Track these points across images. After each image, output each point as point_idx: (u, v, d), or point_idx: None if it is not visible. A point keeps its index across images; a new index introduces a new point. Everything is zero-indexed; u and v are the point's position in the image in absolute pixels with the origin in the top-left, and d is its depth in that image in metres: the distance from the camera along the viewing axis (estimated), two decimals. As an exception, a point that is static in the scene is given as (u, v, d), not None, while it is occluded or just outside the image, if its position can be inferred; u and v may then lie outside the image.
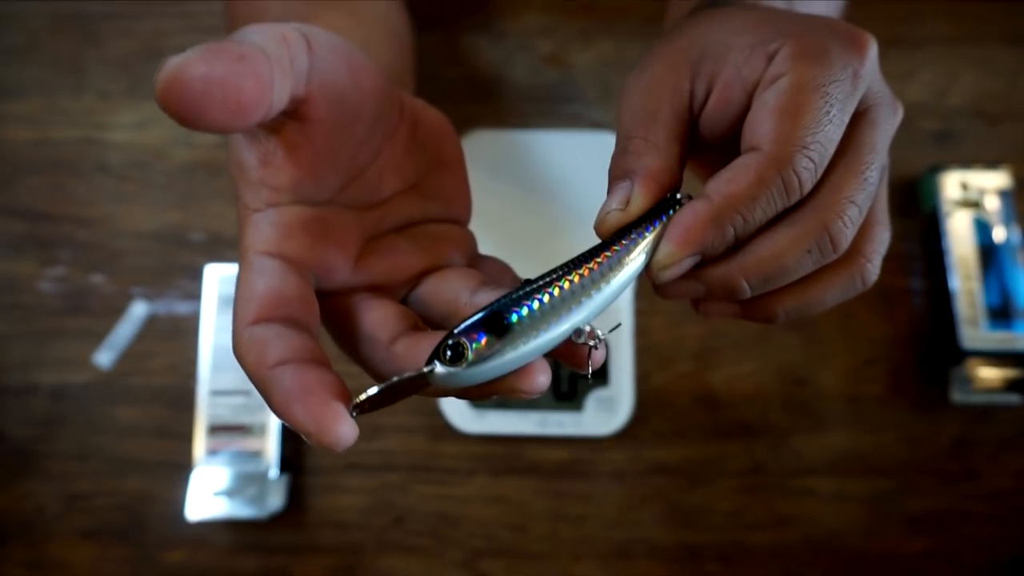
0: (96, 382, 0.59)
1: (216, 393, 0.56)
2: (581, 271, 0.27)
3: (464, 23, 0.65)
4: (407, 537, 0.56)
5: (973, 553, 0.56)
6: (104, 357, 0.59)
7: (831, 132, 0.27)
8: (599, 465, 0.57)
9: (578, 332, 0.27)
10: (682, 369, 0.59)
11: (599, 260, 0.27)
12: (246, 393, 0.56)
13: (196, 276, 0.59)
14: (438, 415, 0.57)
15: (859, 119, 0.28)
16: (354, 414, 0.24)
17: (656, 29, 0.49)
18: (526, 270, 0.30)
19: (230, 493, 0.54)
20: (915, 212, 0.61)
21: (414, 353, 0.26)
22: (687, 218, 0.27)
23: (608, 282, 0.27)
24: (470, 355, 0.25)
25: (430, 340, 0.26)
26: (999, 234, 0.58)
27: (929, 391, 0.58)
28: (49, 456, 0.57)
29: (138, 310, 0.59)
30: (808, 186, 0.27)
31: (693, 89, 0.29)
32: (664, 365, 0.59)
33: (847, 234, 0.28)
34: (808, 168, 0.26)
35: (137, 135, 0.63)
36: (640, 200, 0.28)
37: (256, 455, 0.55)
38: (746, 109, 0.28)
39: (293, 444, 0.57)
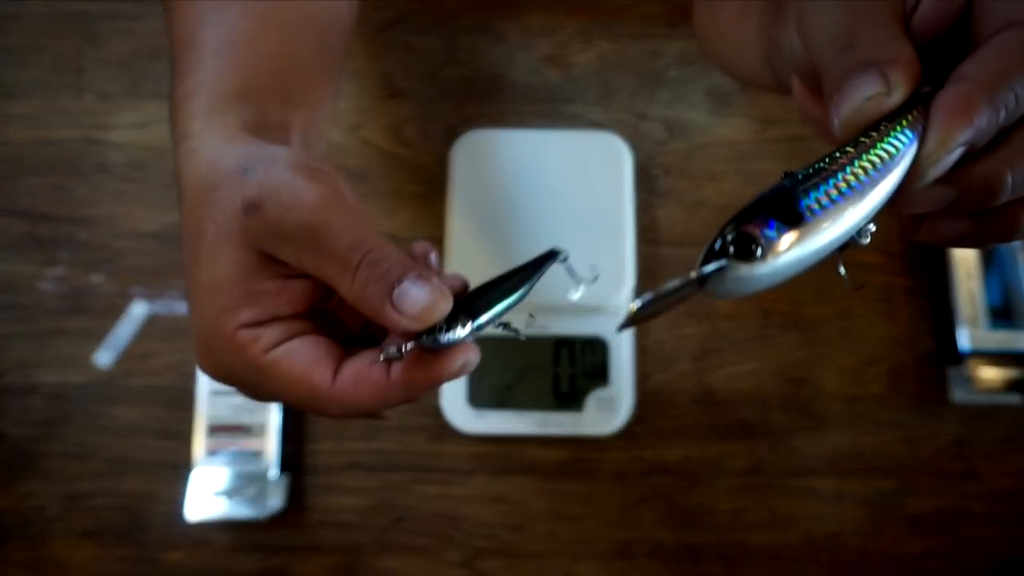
0: (96, 382, 0.59)
1: (216, 393, 0.56)
2: (858, 162, 0.24)
3: (464, 23, 0.65)
4: (407, 537, 0.56)
5: (973, 553, 0.56)
6: (104, 357, 0.59)
7: None
8: (599, 465, 0.57)
9: (861, 230, 0.24)
10: (682, 369, 0.59)
11: (872, 150, 0.24)
12: (246, 393, 0.56)
13: (196, 276, 0.59)
14: (438, 415, 0.57)
15: None
16: (622, 328, 0.23)
17: (656, 29, 0.49)
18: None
19: (230, 493, 0.54)
20: (915, 212, 0.61)
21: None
22: (954, 99, 0.24)
23: (888, 173, 0.24)
24: (765, 248, 0.21)
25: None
26: (999, 234, 0.58)
27: (929, 391, 0.58)
28: (49, 456, 0.57)
29: (138, 310, 0.59)
30: None
31: None
32: (664, 365, 0.59)
33: None
34: None
35: (137, 135, 0.63)
36: (902, 85, 0.25)
37: (256, 455, 0.55)
38: (965, 4, 0.27)
39: (293, 444, 0.57)
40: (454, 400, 0.56)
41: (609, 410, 0.56)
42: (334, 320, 0.34)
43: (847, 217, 0.23)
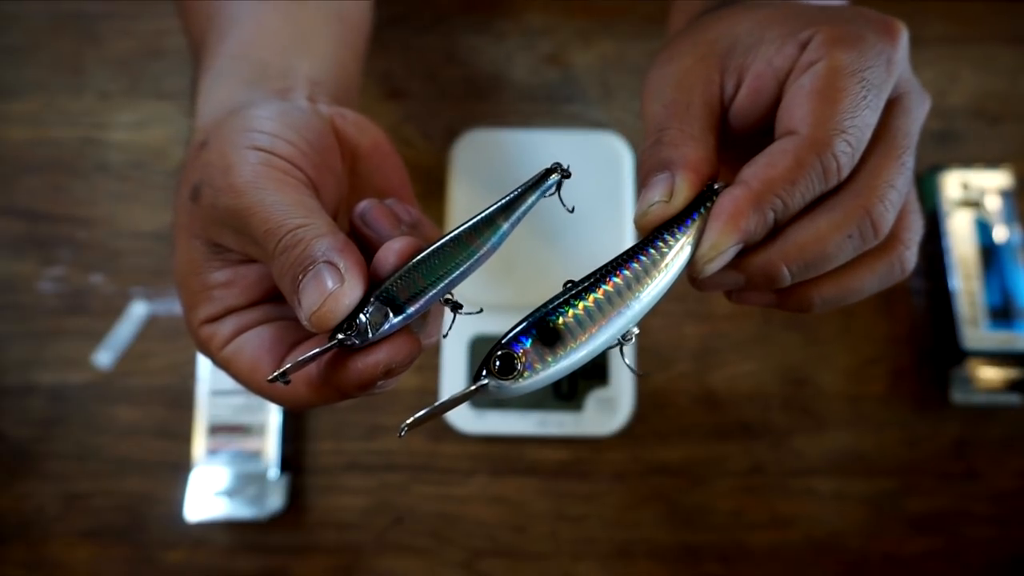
0: (96, 382, 0.58)
1: (216, 393, 0.56)
2: (626, 270, 0.26)
3: (464, 23, 0.65)
4: (407, 537, 0.56)
5: (974, 553, 0.56)
6: (104, 357, 0.59)
7: (868, 117, 0.27)
8: (599, 465, 0.57)
9: (625, 334, 0.26)
10: (682, 369, 0.59)
11: (644, 257, 0.27)
12: (246, 393, 0.56)
13: (196, 276, 0.59)
14: (438, 415, 0.57)
15: (892, 106, 0.28)
16: (404, 433, 0.25)
17: (656, 29, 0.49)
18: (524, 268, 0.30)
19: (230, 493, 0.54)
20: (915, 212, 0.61)
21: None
22: (727, 206, 0.27)
23: (655, 279, 0.27)
24: (520, 365, 0.24)
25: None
26: (1000, 234, 0.58)
27: (929, 391, 0.58)
28: (48, 456, 0.57)
29: (138, 310, 0.59)
30: (846, 171, 0.27)
31: (723, 82, 0.29)
32: (664, 365, 0.59)
33: (888, 218, 0.27)
34: (846, 152, 0.26)
35: (137, 135, 0.63)
36: (684, 191, 0.28)
37: (256, 455, 0.55)
38: (777, 99, 0.28)
39: (293, 444, 0.57)
40: (454, 400, 0.56)
41: (609, 410, 0.56)
42: None
43: (608, 329, 0.25)
